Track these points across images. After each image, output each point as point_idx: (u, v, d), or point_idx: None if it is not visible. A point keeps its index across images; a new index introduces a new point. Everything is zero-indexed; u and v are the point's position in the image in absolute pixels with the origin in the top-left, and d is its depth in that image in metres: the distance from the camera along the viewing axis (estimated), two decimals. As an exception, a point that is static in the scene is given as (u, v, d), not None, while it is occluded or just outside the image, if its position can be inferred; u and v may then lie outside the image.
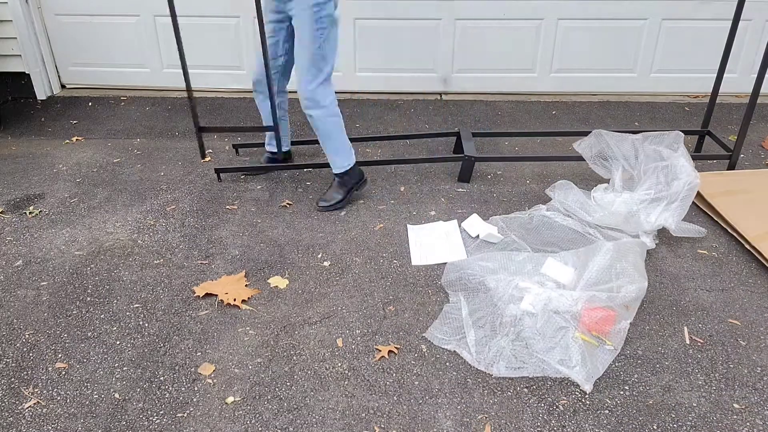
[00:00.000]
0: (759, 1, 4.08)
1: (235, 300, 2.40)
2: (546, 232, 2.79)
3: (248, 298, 2.44)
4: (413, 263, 2.65)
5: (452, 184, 3.29)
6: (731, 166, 3.32)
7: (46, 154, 3.65)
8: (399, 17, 4.23)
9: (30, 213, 3.03)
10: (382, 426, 1.90)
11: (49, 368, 2.12)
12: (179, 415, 1.94)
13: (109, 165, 3.52)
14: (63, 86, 4.61)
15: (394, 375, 2.08)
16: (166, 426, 1.90)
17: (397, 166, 3.47)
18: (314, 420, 1.92)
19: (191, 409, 1.96)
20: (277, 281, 2.54)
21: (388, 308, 2.39)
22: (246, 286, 2.50)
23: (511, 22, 4.23)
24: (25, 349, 2.20)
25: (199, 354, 2.17)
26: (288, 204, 3.10)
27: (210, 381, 2.06)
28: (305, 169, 3.43)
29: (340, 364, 2.13)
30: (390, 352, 2.17)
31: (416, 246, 2.75)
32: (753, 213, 2.84)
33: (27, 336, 2.26)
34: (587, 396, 2.00)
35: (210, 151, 3.58)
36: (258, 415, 1.94)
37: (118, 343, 2.23)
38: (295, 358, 2.16)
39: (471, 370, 2.10)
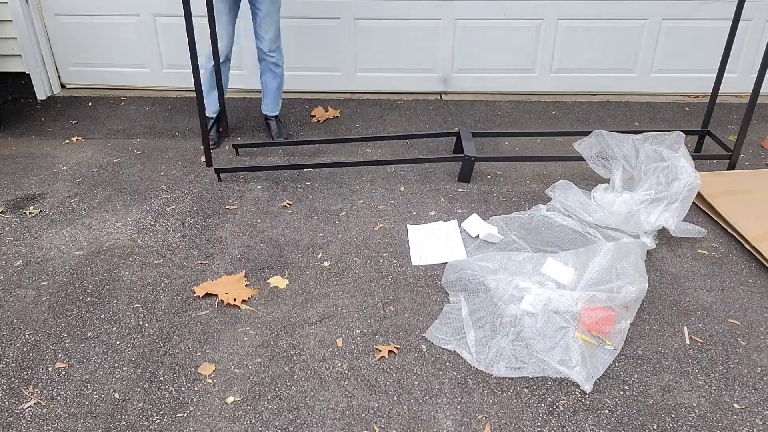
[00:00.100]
0: (759, 1, 4.08)
1: (235, 300, 2.40)
2: (546, 232, 2.79)
3: (248, 298, 2.44)
4: (413, 263, 2.65)
5: (452, 184, 3.29)
6: (731, 166, 3.32)
7: (46, 154, 3.65)
8: (399, 17, 4.23)
9: (30, 213, 3.03)
10: (382, 426, 1.90)
11: (49, 368, 2.12)
12: (179, 415, 1.94)
13: (109, 165, 3.52)
14: (63, 86, 4.61)
15: (394, 375, 2.08)
16: (166, 426, 1.90)
17: (397, 166, 3.47)
18: (314, 420, 1.92)
19: (191, 409, 1.96)
20: (277, 281, 2.54)
21: (388, 308, 2.39)
22: (246, 286, 2.50)
23: (511, 22, 4.23)
24: (25, 349, 2.20)
25: (199, 354, 2.17)
26: (288, 204, 3.10)
27: (210, 381, 2.06)
28: (305, 169, 3.43)
29: (340, 364, 2.13)
30: (390, 352, 2.17)
31: (416, 246, 2.75)
32: (753, 213, 2.84)
33: (27, 336, 2.26)
34: (587, 396, 2.00)
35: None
36: (258, 415, 1.94)
37: (118, 343, 2.23)
38: (295, 358, 2.16)
39: (471, 370, 2.10)
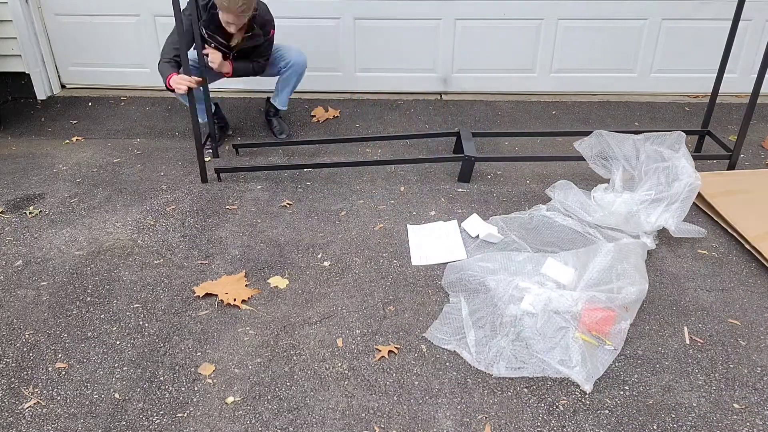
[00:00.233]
0: (759, 1, 4.08)
1: (235, 300, 2.40)
2: (546, 232, 2.79)
3: (248, 298, 2.44)
4: (413, 263, 2.65)
5: (452, 184, 3.29)
6: (731, 166, 3.32)
7: (46, 154, 3.65)
8: (399, 17, 4.23)
9: (30, 213, 3.03)
10: (382, 426, 1.90)
11: (49, 368, 2.12)
12: (179, 415, 1.94)
13: (109, 165, 3.52)
14: (63, 86, 4.61)
15: (394, 375, 2.08)
16: (166, 426, 1.90)
17: (397, 166, 3.47)
18: (314, 420, 1.92)
19: (191, 409, 1.96)
20: (277, 281, 2.54)
21: (388, 308, 2.39)
22: (246, 286, 2.50)
23: (511, 22, 4.23)
24: (25, 349, 2.20)
25: (199, 354, 2.17)
26: (288, 204, 3.10)
27: (210, 381, 2.06)
28: (305, 169, 3.43)
29: (340, 364, 2.13)
30: (390, 352, 2.17)
31: (416, 246, 2.75)
32: (753, 213, 2.84)
33: (27, 336, 2.26)
34: (587, 396, 2.00)
35: (209, 150, 3.58)
36: (258, 415, 1.94)
37: (118, 343, 2.23)
38: (295, 358, 2.16)
39: (471, 370, 2.10)
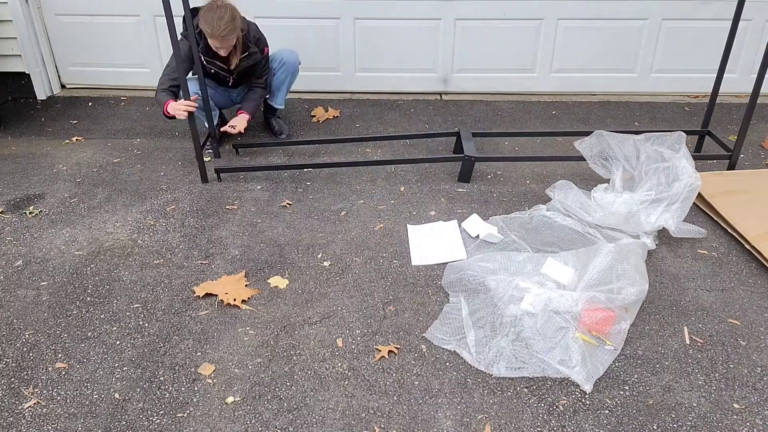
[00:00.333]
0: (759, 1, 4.08)
1: (235, 300, 2.40)
2: (546, 232, 2.79)
3: (248, 298, 2.44)
4: (413, 263, 2.64)
5: (452, 184, 3.29)
6: (731, 166, 3.32)
7: (46, 154, 3.65)
8: (399, 17, 4.23)
9: (30, 213, 3.03)
10: (382, 426, 1.90)
11: (49, 368, 2.12)
12: (179, 415, 1.94)
13: (109, 165, 3.52)
14: (63, 86, 4.61)
15: (394, 375, 2.08)
16: (166, 426, 1.90)
17: (397, 166, 3.47)
18: (314, 420, 1.92)
19: (191, 409, 1.96)
20: (277, 281, 2.54)
21: (388, 308, 2.39)
22: (246, 286, 2.50)
23: (511, 22, 4.23)
24: (25, 349, 2.20)
25: (199, 354, 2.17)
26: (288, 204, 3.10)
27: (210, 381, 2.06)
28: (305, 169, 3.43)
29: (340, 364, 2.13)
30: (390, 352, 2.17)
31: (416, 246, 2.75)
32: (753, 213, 2.84)
33: (27, 336, 2.26)
34: (587, 396, 2.00)
35: (209, 151, 3.58)
36: (258, 415, 1.94)
37: (118, 343, 2.23)
38: (295, 358, 2.16)
39: (471, 370, 2.10)
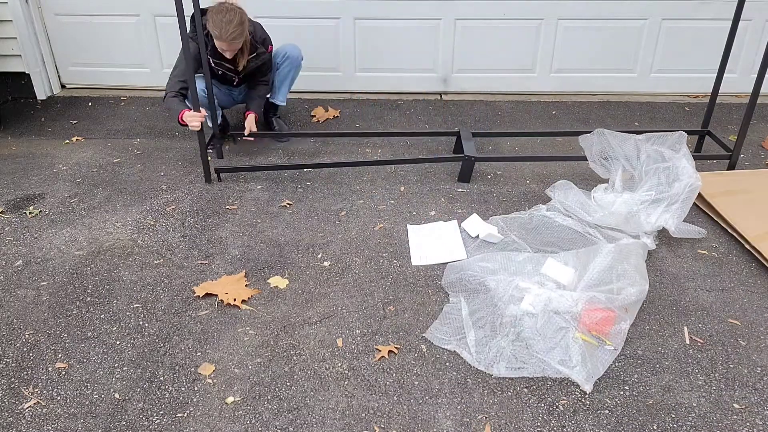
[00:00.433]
0: (759, 1, 4.08)
1: (235, 300, 2.40)
2: (546, 232, 2.79)
3: (248, 298, 2.44)
4: (413, 263, 2.64)
5: (452, 184, 3.29)
6: (731, 166, 3.32)
7: (46, 154, 3.65)
8: (399, 17, 4.23)
9: (30, 213, 3.03)
10: (382, 426, 1.90)
11: (49, 368, 2.12)
12: (179, 415, 1.94)
13: (109, 165, 3.52)
14: (63, 86, 4.61)
15: (394, 375, 2.08)
16: (166, 426, 1.90)
17: (397, 166, 3.47)
18: (314, 420, 1.92)
19: (191, 409, 1.96)
20: (277, 281, 2.54)
21: (388, 308, 2.39)
22: (246, 286, 2.50)
23: (511, 22, 4.23)
24: (25, 349, 2.20)
25: (199, 354, 2.17)
26: (288, 204, 3.10)
27: (210, 381, 2.06)
28: (305, 169, 3.43)
29: (340, 364, 2.13)
30: (390, 352, 2.17)
31: (416, 246, 2.75)
32: (753, 213, 2.84)
33: (27, 336, 2.26)
34: (587, 396, 2.00)
35: (210, 151, 3.57)
36: (258, 415, 1.94)
37: (118, 343, 2.23)
38: (295, 358, 2.16)
39: (471, 370, 2.10)
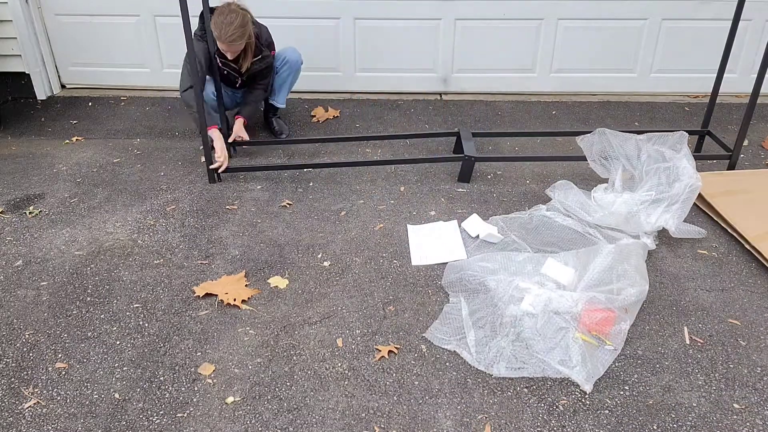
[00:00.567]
0: (759, 1, 4.08)
1: (235, 300, 2.40)
2: (546, 233, 2.79)
3: (248, 298, 2.44)
4: (413, 263, 2.65)
5: (452, 184, 3.29)
6: (731, 166, 3.32)
7: (46, 154, 3.65)
8: (399, 17, 4.23)
9: (30, 213, 3.03)
10: (382, 426, 1.90)
11: (49, 368, 2.12)
12: (179, 415, 1.94)
13: (109, 165, 3.52)
14: (63, 86, 4.61)
15: (394, 375, 2.08)
16: (166, 426, 1.90)
17: (397, 166, 3.47)
18: (314, 420, 1.92)
19: (191, 409, 1.96)
20: (277, 281, 2.54)
21: (388, 308, 2.39)
22: (246, 286, 2.50)
23: (511, 22, 4.23)
24: (25, 349, 2.20)
25: (199, 354, 2.17)
26: (288, 204, 3.10)
27: (210, 381, 2.06)
28: (305, 169, 3.43)
29: (340, 364, 2.13)
30: (390, 352, 2.17)
31: (416, 246, 2.75)
32: (753, 213, 2.84)
33: (27, 336, 2.26)
34: (587, 396, 2.00)
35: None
36: (258, 415, 1.94)
37: (118, 343, 2.23)
38: (295, 358, 2.16)
39: (471, 370, 2.10)
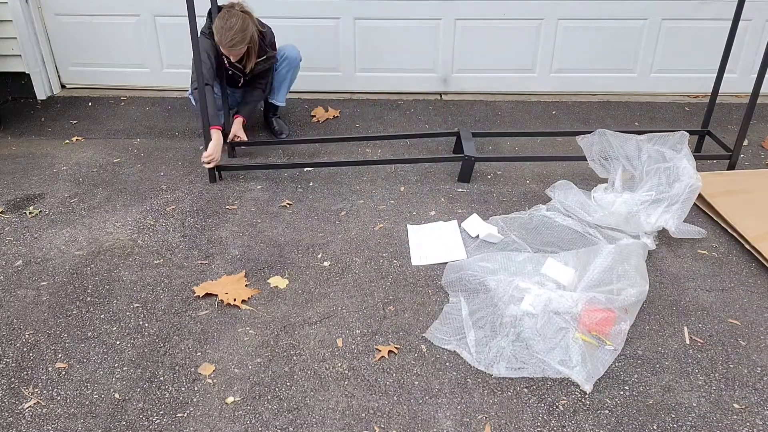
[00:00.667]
0: (759, 1, 4.08)
1: (235, 300, 2.40)
2: (546, 233, 2.79)
3: (248, 298, 2.44)
4: (413, 263, 2.65)
5: (452, 184, 3.29)
6: (731, 166, 3.32)
7: (46, 154, 3.65)
8: (399, 17, 4.23)
9: (30, 213, 3.03)
10: (382, 426, 1.90)
11: (49, 368, 2.12)
12: (179, 415, 1.94)
13: (109, 165, 3.52)
14: (63, 86, 4.61)
15: (394, 375, 2.08)
16: (166, 426, 1.90)
17: (397, 166, 3.47)
18: (314, 420, 1.92)
19: (191, 409, 1.96)
20: (277, 281, 2.54)
21: (388, 308, 2.39)
22: (246, 286, 2.50)
23: (511, 22, 4.23)
24: (25, 349, 2.20)
25: (199, 354, 2.17)
26: (288, 204, 3.10)
27: (210, 381, 2.06)
28: (305, 169, 3.43)
29: (340, 364, 2.13)
30: (390, 352, 2.17)
31: (416, 246, 2.75)
32: (753, 213, 2.84)
33: (27, 336, 2.26)
34: (587, 396, 2.00)
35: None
36: (258, 415, 1.94)
37: (118, 343, 2.23)
38: (295, 358, 2.16)
39: (471, 370, 2.10)
